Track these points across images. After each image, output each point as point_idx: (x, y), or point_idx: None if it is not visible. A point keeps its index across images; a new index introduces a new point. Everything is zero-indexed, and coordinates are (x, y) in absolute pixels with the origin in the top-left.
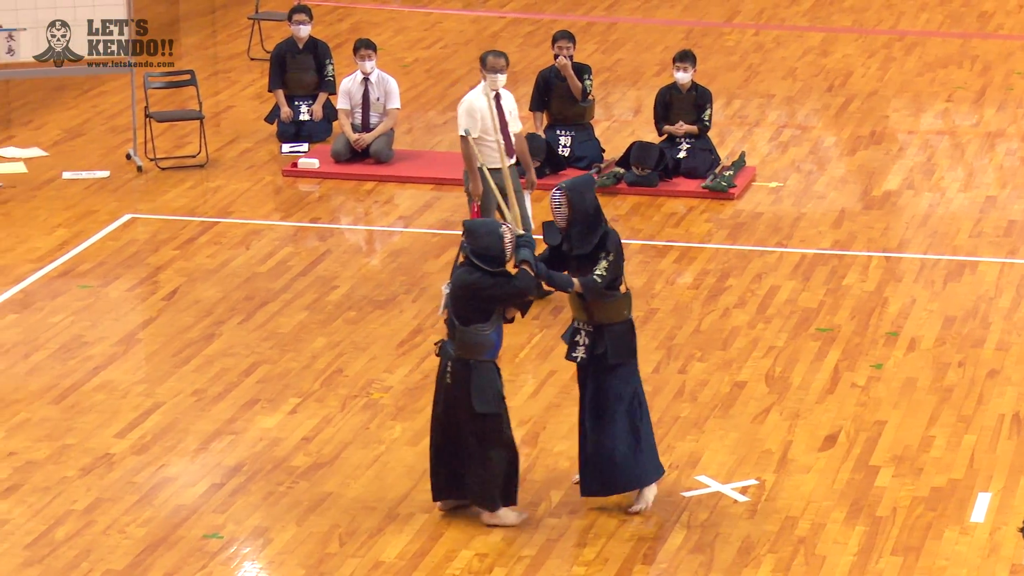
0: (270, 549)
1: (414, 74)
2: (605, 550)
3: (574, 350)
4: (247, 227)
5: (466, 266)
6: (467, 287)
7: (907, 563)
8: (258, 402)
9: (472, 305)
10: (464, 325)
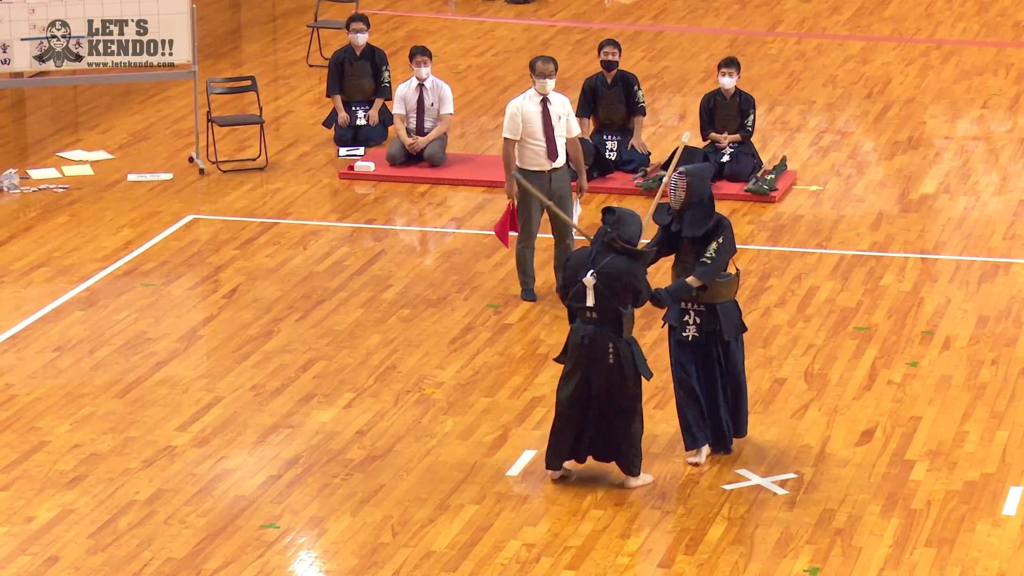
0: (325, 539)
1: (467, 80)
2: (648, 541)
3: (684, 329)
4: (305, 228)
5: (614, 253)
6: (628, 273)
7: (941, 554)
8: (315, 397)
9: (629, 289)
10: (625, 308)
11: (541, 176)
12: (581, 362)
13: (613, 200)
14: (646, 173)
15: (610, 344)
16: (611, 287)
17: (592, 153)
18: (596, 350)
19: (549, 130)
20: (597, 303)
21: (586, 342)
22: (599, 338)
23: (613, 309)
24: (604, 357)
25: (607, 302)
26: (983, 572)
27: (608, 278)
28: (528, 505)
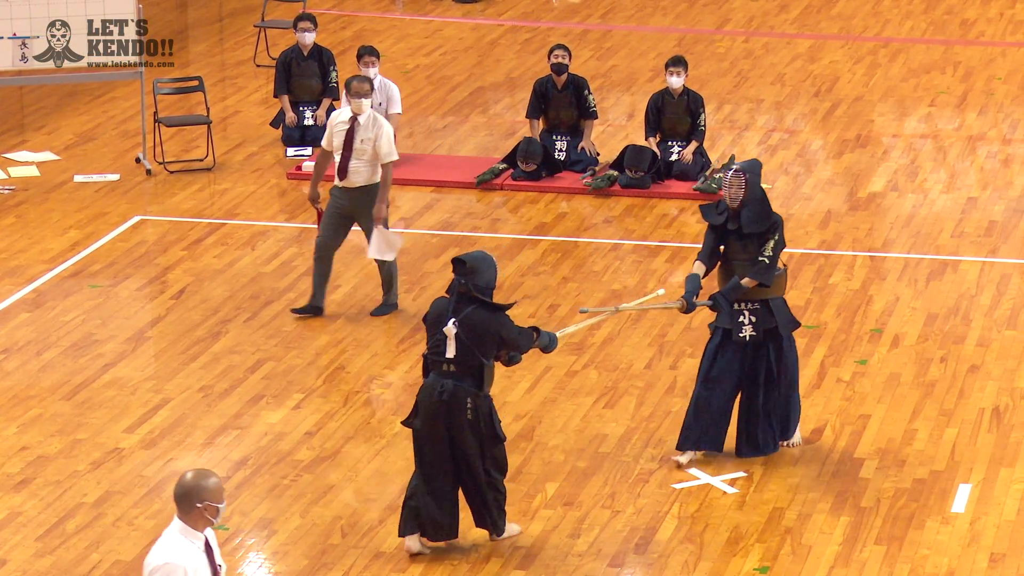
0: (275, 540)
1: (415, 80)
2: (598, 541)
3: (740, 330)
4: (253, 228)
5: (475, 304)
6: (490, 328)
7: (890, 552)
8: (263, 398)
9: (495, 339)
10: (487, 360)
11: (336, 190)
12: (438, 419)
13: (562, 198)
14: (594, 172)
15: (468, 400)
16: (473, 338)
17: (541, 153)
18: (454, 406)
19: (348, 149)
20: (457, 355)
21: (444, 397)
22: (458, 393)
23: (476, 361)
24: (463, 412)
25: (469, 354)
26: (932, 570)
27: (470, 329)
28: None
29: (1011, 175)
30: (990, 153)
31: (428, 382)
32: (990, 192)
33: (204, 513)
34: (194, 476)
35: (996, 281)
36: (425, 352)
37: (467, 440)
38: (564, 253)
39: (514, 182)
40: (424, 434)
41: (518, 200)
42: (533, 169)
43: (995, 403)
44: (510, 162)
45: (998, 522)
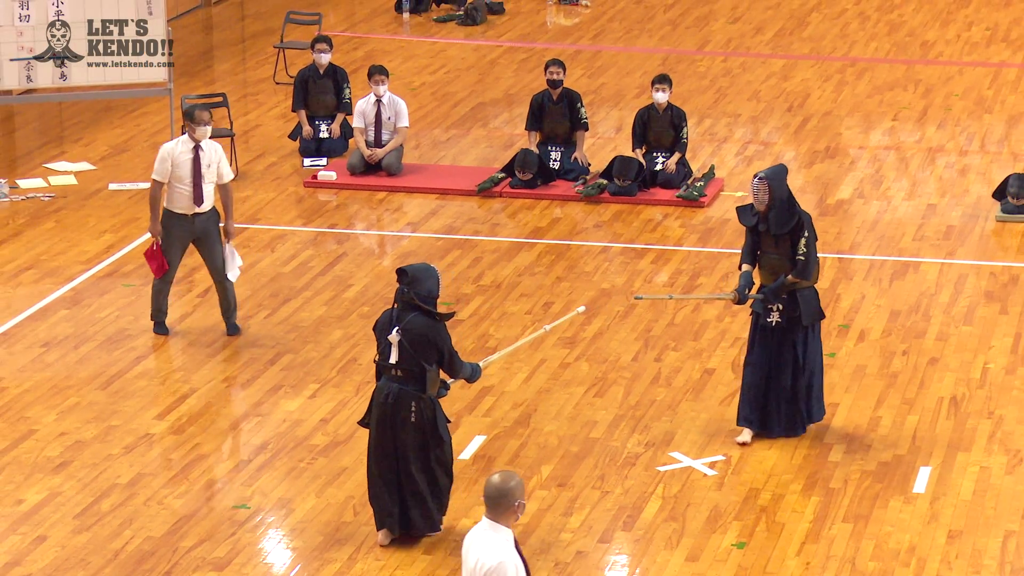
0: (292, 518)
1: (421, 96)
2: (589, 518)
3: (768, 315)
4: (273, 232)
5: (416, 312)
6: (429, 335)
7: (856, 529)
8: (282, 387)
9: (433, 347)
10: (430, 366)
11: (185, 219)
12: (385, 420)
13: (556, 205)
14: (586, 181)
15: (412, 403)
16: (415, 344)
17: (537, 163)
18: (399, 408)
19: (198, 176)
20: (401, 361)
21: (390, 400)
22: (403, 396)
23: (418, 366)
24: (407, 415)
25: (411, 360)
26: (895, 546)
27: (412, 336)
28: (478, 486)
29: (967, 183)
30: (948, 164)
31: (378, 386)
32: (948, 199)
33: (517, 511)
34: (506, 478)
35: (954, 281)
36: (375, 358)
37: (408, 440)
38: (558, 255)
39: (512, 190)
40: (373, 434)
41: (516, 206)
42: (529, 178)
43: (953, 393)
44: (508, 171)
45: (956, 502)
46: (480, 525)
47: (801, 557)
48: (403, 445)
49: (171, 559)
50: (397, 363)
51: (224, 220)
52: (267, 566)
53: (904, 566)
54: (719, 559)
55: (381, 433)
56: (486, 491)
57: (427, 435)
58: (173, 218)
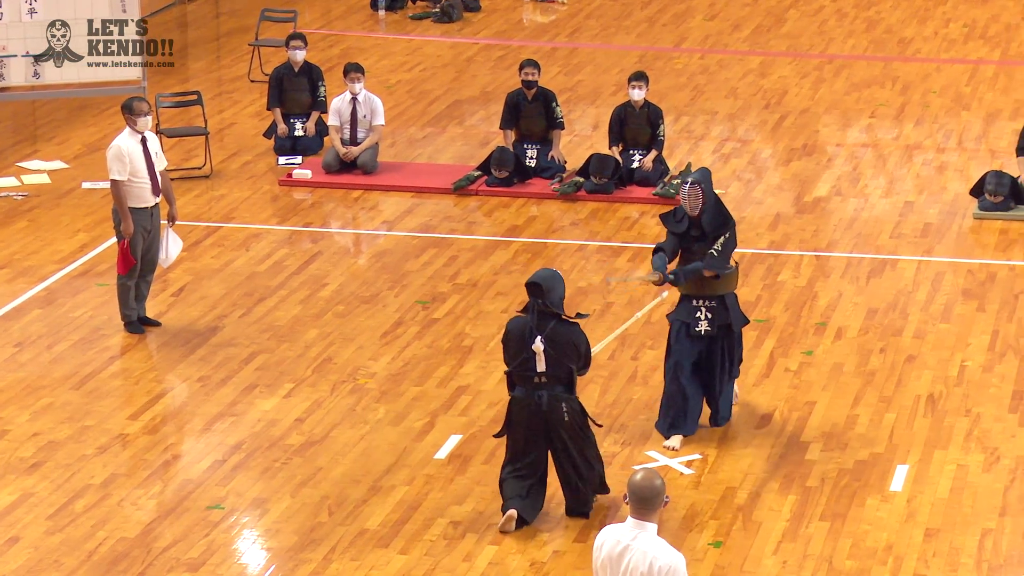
0: (267, 518)
1: (397, 94)
2: (565, 518)
3: (696, 324)
4: (247, 231)
5: (555, 319)
6: (573, 339)
7: (834, 528)
8: (257, 387)
9: (575, 351)
10: (576, 367)
11: (144, 212)
12: (537, 426)
13: (532, 203)
14: (562, 179)
15: (563, 404)
16: (560, 351)
17: (513, 161)
18: (552, 411)
19: (151, 167)
20: (548, 368)
21: (543, 407)
22: (553, 400)
23: (565, 370)
24: (560, 417)
25: (558, 365)
26: (872, 544)
27: (557, 343)
28: (454, 486)
29: (945, 181)
30: (926, 161)
31: (518, 396)
32: (926, 197)
33: (662, 508)
34: (652, 475)
35: (931, 278)
36: (509, 369)
37: (567, 439)
38: (534, 253)
39: (488, 188)
40: (518, 439)
41: (492, 204)
42: (506, 176)
43: (930, 390)
44: (484, 169)
45: (933, 500)
46: (626, 525)
47: (778, 556)
48: (561, 445)
49: (145, 560)
50: (545, 371)
51: (169, 206)
52: (242, 566)
53: (881, 564)
54: (696, 558)
55: (532, 437)
56: (635, 491)
57: (577, 431)
58: (134, 214)
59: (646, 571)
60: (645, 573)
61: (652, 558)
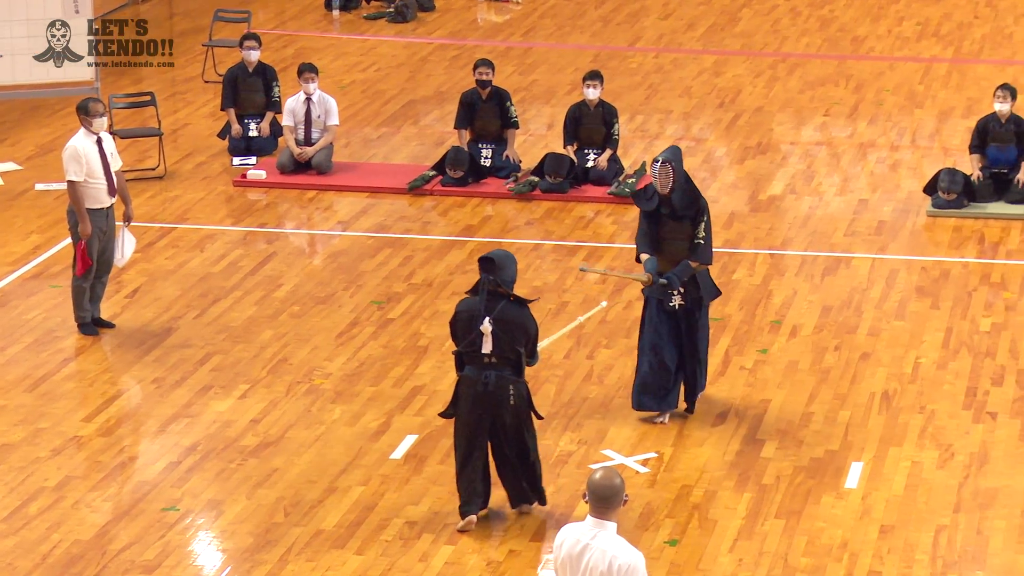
0: (222, 520)
1: (352, 94)
2: (521, 517)
3: (670, 300)
4: (202, 232)
5: (505, 300)
6: (522, 320)
7: (789, 525)
8: (212, 388)
9: (524, 332)
10: (523, 349)
11: (100, 213)
12: (483, 405)
13: (487, 202)
14: (517, 179)
15: (511, 386)
16: (509, 331)
17: (468, 161)
18: (499, 392)
19: (107, 167)
20: (495, 349)
21: (489, 386)
22: (501, 381)
23: (513, 352)
24: (506, 398)
25: (506, 346)
26: (828, 541)
27: (505, 323)
28: (410, 486)
29: (899, 179)
30: (879, 159)
31: (466, 376)
32: (879, 194)
33: (621, 506)
34: (611, 474)
35: (885, 276)
36: (458, 349)
37: (508, 421)
38: None
39: (443, 188)
40: (466, 421)
41: (447, 204)
42: (461, 176)
43: (884, 388)
44: (439, 169)
45: (887, 496)
46: (586, 524)
47: (734, 554)
48: (502, 426)
49: (100, 562)
50: (492, 351)
51: (125, 207)
52: (197, 568)
53: (836, 561)
54: (652, 557)
55: (478, 418)
56: (594, 489)
57: (522, 417)
58: (90, 214)
59: (606, 570)
60: (605, 572)
61: (612, 557)
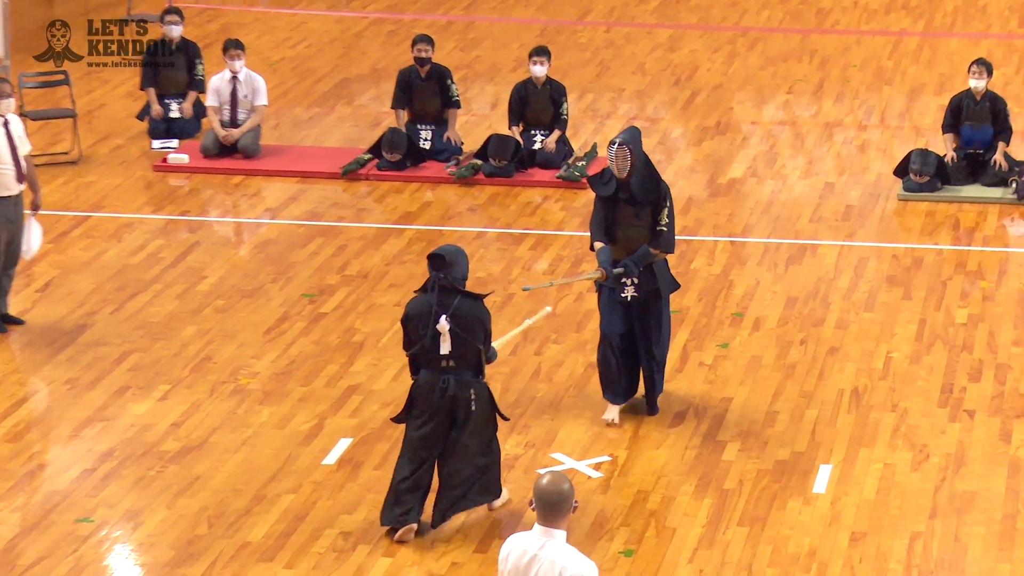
0: (140, 532)
1: (281, 72)
2: (464, 526)
3: (623, 290)
4: (119, 221)
5: (460, 296)
6: (478, 316)
7: (753, 533)
8: (129, 389)
9: (482, 327)
10: (482, 346)
11: (7, 201)
12: (441, 413)
13: (427, 187)
14: (459, 162)
15: (471, 391)
16: (467, 329)
17: (406, 143)
18: (459, 398)
19: (14, 152)
20: (454, 349)
21: (448, 392)
22: (461, 386)
23: (472, 350)
24: (467, 404)
25: (465, 345)
26: (795, 549)
27: (463, 320)
28: (344, 494)
29: (867, 160)
30: (846, 139)
31: (422, 380)
32: (847, 177)
33: (570, 513)
34: (559, 479)
35: (854, 264)
36: (412, 351)
37: (469, 428)
38: (430, 242)
39: (379, 172)
40: (425, 428)
41: (383, 190)
42: (398, 159)
43: (854, 384)
44: (375, 152)
45: (858, 501)
46: (533, 533)
47: (694, 564)
48: (460, 434)
49: None
50: (451, 352)
51: (33, 194)
52: None
53: (804, 571)
54: (605, 568)
55: (436, 426)
56: (541, 496)
57: (486, 419)
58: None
59: None
60: None
61: (562, 567)
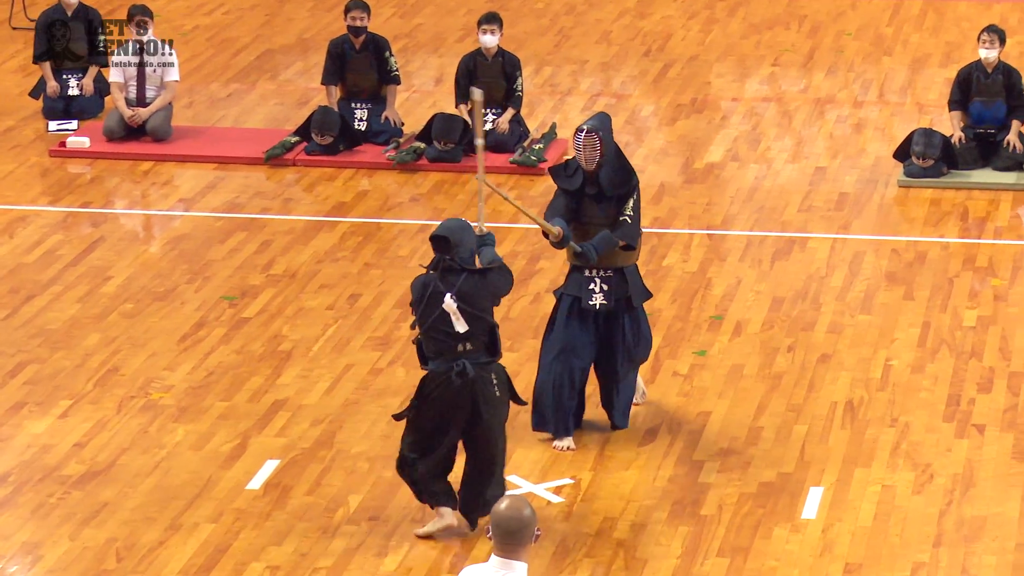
0: (40, 567)
1: (195, 43)
2: (408, 559)
3: (590, 298)
4: (11, 213)
5: (465, 273)
6: (486, 286)
7: (735, 564)
8: (25, 405)
9: (489, 295)
10: (491, 318)
11: None
12: (459, 405)
13: (363, 174)
14: (399, 145)
15: (493, 375)
16: (474, 302)
17: (338, 123)
18: (481, 386)
19: None
20: (469, 327)
21: (468, 381)
22: (482, 372)
23: (485, 326)
24: (491, 391)
25: (477, 321)
26: None
27: (469, 295)
28: (271, 522)
29: (863, 142)
30: (840, 117)
31: (436, 371)
32: (840, 161)
33: (532, 542)
34: (519, 504)
35: (848, 260)
36: (417, 338)
37: (495, 415)
38: (366, 236)
39: (308, 157)
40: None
41: (313, 177)
42: (330, 142)
43: (848, 396)
44: (303, 134)
45: (853, 528)
46: (490, 565)
47: None
48: (487, 426)
49: None
50: (465, 332)
51: None
52: None
53: None
54: None
55: (451, 420)
56: (500, 524)
57: (500, 411)
58: None
59: None
60: None
61: None
